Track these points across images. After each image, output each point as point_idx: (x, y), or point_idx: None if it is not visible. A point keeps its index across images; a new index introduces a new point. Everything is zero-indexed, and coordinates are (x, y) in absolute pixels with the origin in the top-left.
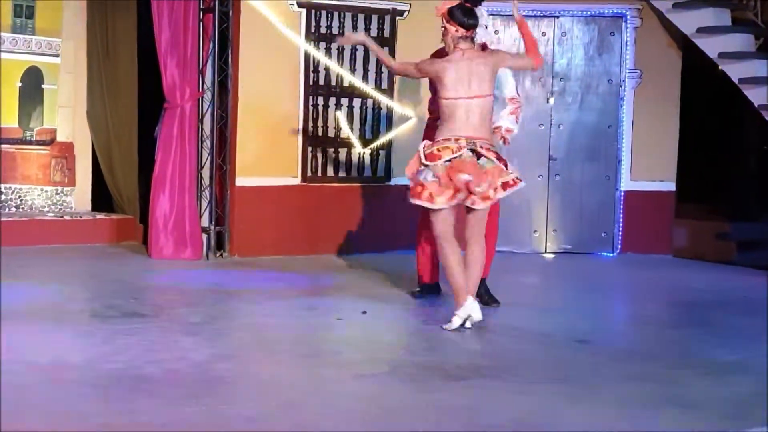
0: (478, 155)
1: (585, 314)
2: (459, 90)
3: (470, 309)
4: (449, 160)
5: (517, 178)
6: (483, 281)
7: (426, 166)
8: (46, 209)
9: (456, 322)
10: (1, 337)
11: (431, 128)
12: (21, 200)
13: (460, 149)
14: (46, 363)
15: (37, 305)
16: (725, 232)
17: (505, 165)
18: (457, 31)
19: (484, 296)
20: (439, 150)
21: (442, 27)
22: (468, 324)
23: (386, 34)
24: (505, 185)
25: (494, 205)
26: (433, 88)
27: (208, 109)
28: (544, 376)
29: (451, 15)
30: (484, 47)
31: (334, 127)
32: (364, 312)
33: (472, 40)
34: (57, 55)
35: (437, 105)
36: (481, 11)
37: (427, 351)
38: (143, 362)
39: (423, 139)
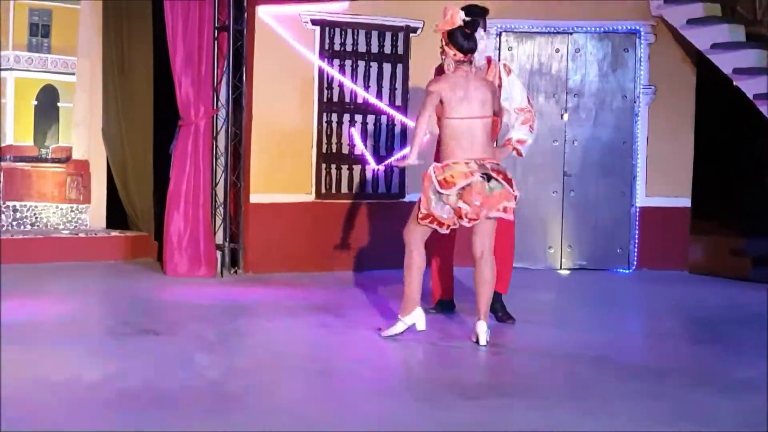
0: (489, 177)
1: (601, 331)
2: (462, 110)
3: (417, 318)
4: (463, 188)
5: (512, 208)
6: (500, 297)
7: (440, 193)
8: (62, 227)
9: (399, 327)
10: (1, 348)
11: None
12: (36, 218)
13: (472, 174)
14: (62, 380)
15: (52, 322)
16: (740, 247)
17: (511, 185)
18: (455, 55)
19: (500, 312)
20: (452, 176)
21: (440, 47)
22: (483, 341)
23: (400, 50)
24: (505, 209)
25: (509, 223)
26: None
27: (222, 127)
28: (561, 393)
29: (450, 38)
30: (489, 61)
31: (348, 144)
32: (379, 329)
33: (470, 63)
34: (72, 74)
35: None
36: (481, 33)
37: (442, 368)
38: (159, 379)
39: (435, 158)
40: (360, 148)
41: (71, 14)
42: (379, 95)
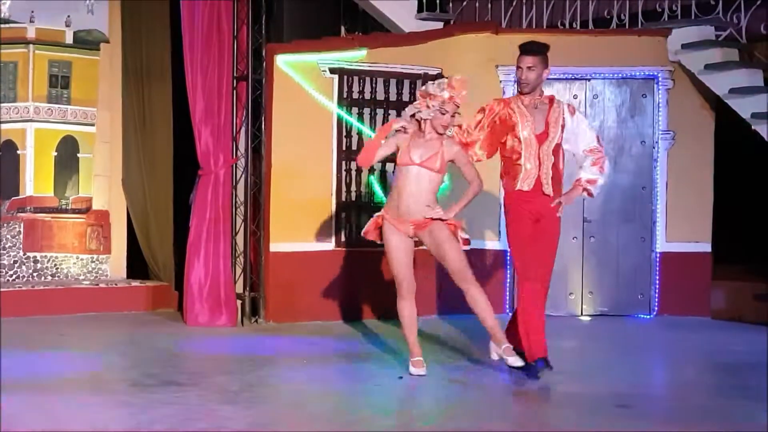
0: None
1: (624, 378)
2: None
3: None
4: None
5: None
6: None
7: None
8: (82, 277)
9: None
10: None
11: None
12: (57, 269)
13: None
14: None
15: (74, 374)
16: (763, 292)
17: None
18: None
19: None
20: None
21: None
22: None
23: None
24: None
25: None
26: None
27: (242, 176)
28: None
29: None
30: (551, 100)
31: (367, 192)
32: (401, 377)
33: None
34: (92, 125)
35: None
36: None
37: (466, 418)
38: (183, 430)
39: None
40: (380, 195)
41: (91, 65)
42: None
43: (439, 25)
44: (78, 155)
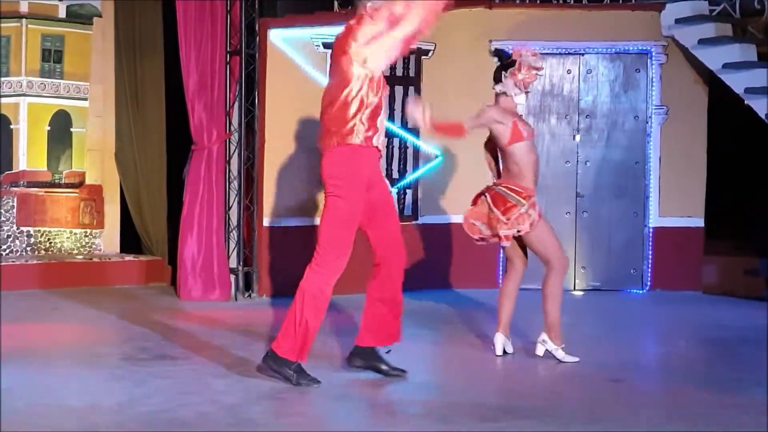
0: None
1: (617, 352)
2: None
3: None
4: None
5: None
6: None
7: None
8: (75, 252)
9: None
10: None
11: None
12: (50, 243)
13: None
14: (80, 405)
15: (68, 348)
16: (754, 267)
17: (509, 217)
18: None
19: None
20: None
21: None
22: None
23: (411, 73)
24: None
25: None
26: None
27: (235, 151)
28: (579, 416)
29: None
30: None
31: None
32: (388, 351)
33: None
34: (85, 99)
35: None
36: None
37: (462, 391)
38: (175, 405)
39: None
40: None
41: (83, 40)
42: (391, 118)
43: None
44: (71, 129)
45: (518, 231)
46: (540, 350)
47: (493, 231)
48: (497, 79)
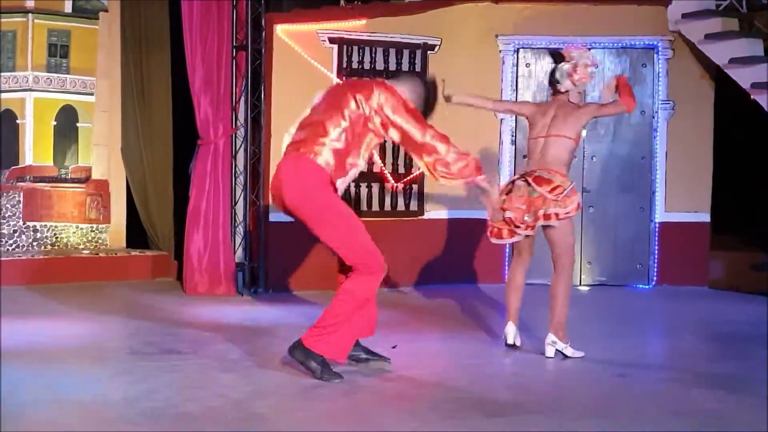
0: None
1: (623, 348)
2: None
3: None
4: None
5: (555, 214)
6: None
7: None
8: (82, 246)
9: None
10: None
11: None
12: (57, 238)
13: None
14: (86, 400)
15: (74, 343)
16: (760, 262)
17: (559, 193)
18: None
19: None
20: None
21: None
22: (548, 353)
23: (417, 68)
24: (546, 216)
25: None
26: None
27: (241, 146)
28: (585, 411)
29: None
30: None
31: (367, 162)
32: (394, 346)
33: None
34: (92, 94)
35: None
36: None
37: (468, 386)
38: (182, 399)
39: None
40: (378, 165)
41: (90, 34)
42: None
43: None
44: (77, 124)
45: (566, 212)
46: (550, 351)
47: (536, 214)
48: (552, 82)
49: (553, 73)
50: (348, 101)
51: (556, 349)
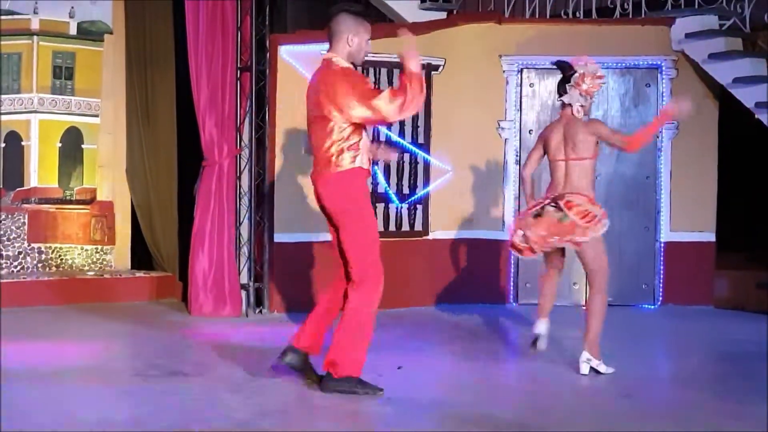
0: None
1: (629, 368)
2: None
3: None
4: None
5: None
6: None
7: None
8: (87, 268)
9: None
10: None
11: None
12: (62, 259)
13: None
14: (90, 422)
15: (79, 365)
16: (765, 281)
17: (590, 220)
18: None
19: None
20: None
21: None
22: (582, 370)
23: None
24: (576, 243)
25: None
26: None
27: (246, 166)
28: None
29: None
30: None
31: (371, 182)
32: (400, 367)
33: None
34: (96, 115)
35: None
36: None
37: (473, 405)
38: (188, 421)
39: None
40: (383, 186)
41: (94, 56)
42: (401, 133)
43: (443, 15)
44: (82, 146)
45: (594, 235)
46: (585, 369)
47: (562, 239)
48: (561, 92)
49: (562, 82)
50: (323, 108)
51: (591, 367)
